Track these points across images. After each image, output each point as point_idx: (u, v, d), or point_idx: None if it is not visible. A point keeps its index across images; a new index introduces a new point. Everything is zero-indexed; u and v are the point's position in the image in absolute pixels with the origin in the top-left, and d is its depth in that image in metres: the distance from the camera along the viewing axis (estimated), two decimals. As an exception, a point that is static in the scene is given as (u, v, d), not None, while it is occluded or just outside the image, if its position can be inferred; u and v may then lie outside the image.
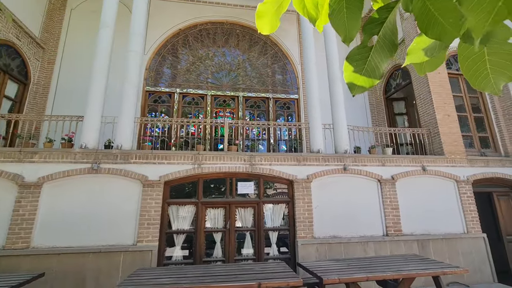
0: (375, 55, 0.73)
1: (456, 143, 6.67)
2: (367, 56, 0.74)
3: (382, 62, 0.74)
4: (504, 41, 0.67)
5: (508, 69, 0.68)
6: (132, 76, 6.04)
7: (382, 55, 0.73)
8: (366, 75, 0.73)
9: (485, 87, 0.73)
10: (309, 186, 5.86)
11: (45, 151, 5.24)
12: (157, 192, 5.35)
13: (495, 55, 0.69)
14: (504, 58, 0.68)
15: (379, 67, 0.74)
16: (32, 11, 7.81)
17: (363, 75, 0.73)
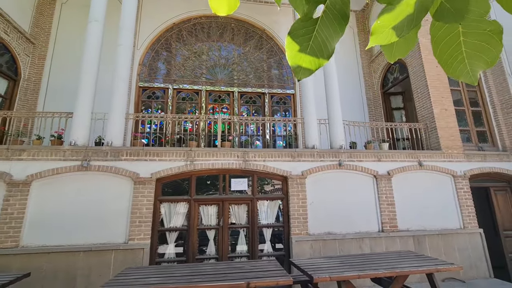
0: (322, 29, 0.62)
1: (453, 138, 6.57)
2: (312, 30, 0.62)
3: (331, 38, 0.63)
4: (482, 18, 0.56)
5: (485, 52, 0.58)
6: (122, 71, 5.91)
7: (330, 29, 0.62)
8: (312, 53, 0.62)
9: (460, 74, 0.63)
10: (303, 182, 5.78)
11: (34, 149, 5.14)
12: (149, 189, 5.26)
13: (471, 36, 0.59)
14: (480, 39, 0.58)
15: (327, 44, 0.63)
16: (21, 5, 7.64)
17: (309, 54, 0.62)
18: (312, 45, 0.61)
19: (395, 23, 0.58)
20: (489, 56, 0.58)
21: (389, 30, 0.59)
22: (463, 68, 0.62)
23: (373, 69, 9.44)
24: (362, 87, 9.44)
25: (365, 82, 9.47)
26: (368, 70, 9.57)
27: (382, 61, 8.96)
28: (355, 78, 9.52)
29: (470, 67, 0.61)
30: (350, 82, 9.35)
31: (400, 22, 0.58)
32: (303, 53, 0.61)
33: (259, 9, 9.50)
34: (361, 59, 9.73)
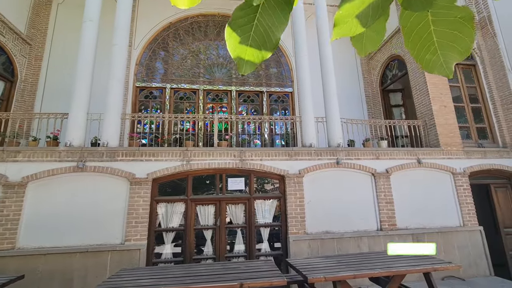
0: (264, 17, 0.57)
1: (452, 135, 6.50)
2: (253, 18, 0.57)
3: (275, 28, 0.58)
4: (451, 4, 0.52)
5: (457, 41, 0.54)
6: (117, 71, 5.88)
7: (273, 17, 0.57)
8: (254, 45, 0.57)
9: (434, 67, 0.59)
10: (301, 181, 5.73)
11: (29, 150, 5.12)
12: (145, 190, 5.23)
13: (442, 24, 0.54)
14: (452, 27, 0.53)
15: (270, 34, 0.58)
16: (17, 6, 7.61)
17: (251, 46, 0.57)
18: (253, 35, 0.56)
19: (359, 12, 0.53)
20: (462, 46, 0.53)
21: (353, 20, 0.55)
22: (436, 60, 0.57)
23: (372, 66, 9.36)
24: (361, 85, 9.37)
25: (364, 79, 9.40)
26: (367, 67, 9.49)
27: (381, 58, 8.88)
28: (354, 75, 9.44)
29: (444, 58, 0.56)
30: (349, 80, 9.28)
31: (364, 11, 0.53)
32: (245, 45, 0.56)
33: (256, 7, 9.42)
34: (359, 56, 9.62)
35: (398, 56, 8.08)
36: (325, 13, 7.06)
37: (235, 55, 0.58)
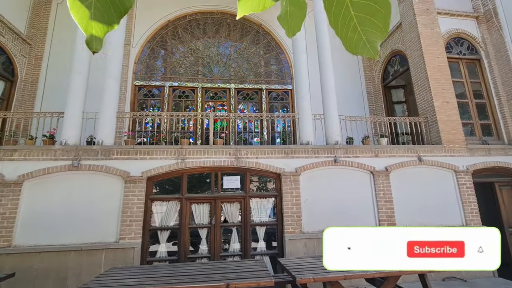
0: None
1: (455, 132, 6.31)
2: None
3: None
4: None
5: (374, 14, 0.46)
6: (113, 69, 5.87)
7: None
8: (98, 14, 0.48)
9: (358, 46, 0.51)
10: (297, 179, 5.64)
11: (25, 149, 5.15)
12: (140, 188, 5.22)
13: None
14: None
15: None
16: (17, 7, 7.67)
17: (95, 18, 0.48)
18: (95, 1, 0.48)
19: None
20: (379, 19, 0.45)
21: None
22: (358, 38, 0.49)
23: (373, 62, 9.17)
24: (362, 81, 9.19)
25: (365, 76, 9.22)
26: (368, 63, 9.30)
27: (382, 53, 8.69)
28: (355, 72, 9.27)
29: (366, 36, 0.48)
30: (350, 77, 9.11)
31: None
32: (88, 12, 0.48)
33: (255, 3, 9.31)
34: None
35: (400, 52, 7.89)
36: (323, 10, 6.91)
37: (83, 29, 0.50)
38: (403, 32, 7.53)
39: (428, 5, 7.06)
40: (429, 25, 6.91)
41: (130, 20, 8.68)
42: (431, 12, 7.03)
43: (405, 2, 7.38)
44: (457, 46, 7.30)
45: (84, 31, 0.48)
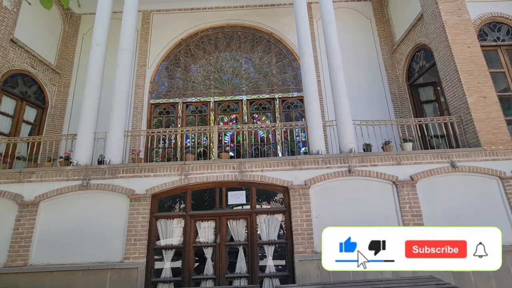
0: None
1: (497, 131, 5.34)
2: None
3: None
4: None
5: None
6: (121, 90, 6.05)
7: None
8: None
9: None
10: (307, 192, 5.16)
11: (42, 170, 5.45)
12: (144, 206, 5.18)
13: None
14: None
15: None
16: (47, 41, 8.47)
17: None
18: None
19: None
20: None
21: None
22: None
23: (396, 60, 8.39)
24: (385, 82, 8.44)
25: (388, 76, 8.45)
26: (390, 62, 8.54)
27: (405, 49, 7.91)
28: (376, 72, 8.56)
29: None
30: (370, 77, 8.44)
31: None
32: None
33: (264, 13, 9.22)
34: (381, 51, 8.75)
35: (424, 46, 7.08)
36: (331, 9, 6.49)
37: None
38: (425, 24, 6.76)
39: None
40: (455, 12, 6.10)
41: (145, 42, 9.12)
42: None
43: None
44: (493, 32, 6.32)
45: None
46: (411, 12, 7.48)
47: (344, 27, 8.69)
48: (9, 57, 7.00)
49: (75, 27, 9.37)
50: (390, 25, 8.77)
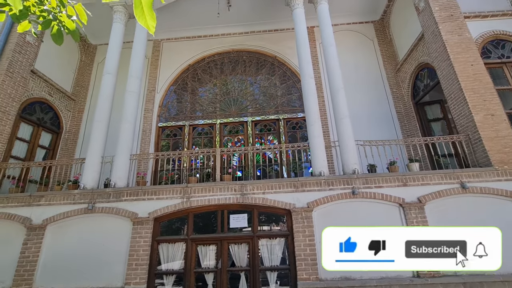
0: None
1: (508, 150, 5.12)
2: None
3: None
4: None
5: None
6: (129, 114, 6.30)
7: None
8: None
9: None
10: (310, 215, 5.03)
11: (50, 194, 5.63)
12: (146, 229, 5.19)
13: None
14: None
15: None
16: (65, 70, 9.05)
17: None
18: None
19: None
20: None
21: None
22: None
23: (400, 78, 8.38)
24: (390, 100, 8.38)
25: (393, 94, 8.40)
26: (394, 81, 8.52)
27: (408, 68, 7.90)
28: (381, 91, 8.54)
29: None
30: (376, 96, 8.42)
31: None
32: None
33: (268, 38, 9.56)
34: (385, 70, 8.78)
35: (427, 64, 7.06)
36: (331, 33, 6.67)
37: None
38: (426, 43, 6.79)
39: (452, 11, 6.32)
40: (455, 31, 6.11)
41: (155, 69, 9.58)
42: (457, 17, 6.25)
43: (424, 12, 6.74)
44: (497, 49, 6.25)
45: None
46: (412, 32, 7.56)
47: (347, 48, 8.87)
48: (28, 87, 7.50)
49: (91, 56, 10.01)
50: (392, 45, 8.86)
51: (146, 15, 1.38)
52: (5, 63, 6.69)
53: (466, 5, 6.53)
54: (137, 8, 1.38)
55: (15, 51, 6.93)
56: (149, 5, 1.37)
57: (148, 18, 1.39)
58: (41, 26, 2.28)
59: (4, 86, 6.53)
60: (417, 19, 7.13)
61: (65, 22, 2.25)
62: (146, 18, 1.38)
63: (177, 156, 6.42)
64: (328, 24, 6.74)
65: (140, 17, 1.39)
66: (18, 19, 2.17)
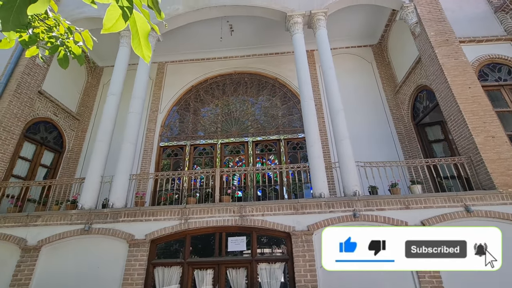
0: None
1: (511, 172, 5.04)
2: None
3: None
4: None
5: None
6: (130, 135, 6.37)
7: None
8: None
9: None
10: (310, 239, 4.90)
11: (47, 214, 5.57)
12: (142, 252, 5.06)
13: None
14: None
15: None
16: (71, 90, 9.31)
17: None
18: None
19: None
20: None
21: None
22: None
23: (400, 100, 8.47)
24: (391, 122, 8.41)
25: (393, 116, 8.45)
26: (394, 103, 8.61)
27: (407, 90, 8.01)
28: (381, 113, 8.60)
29: None
30: (376, 118, 8.47)
31: None
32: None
33: (269, 61, 9.83)
34: (384, 92, 8.90)
35: (426, 86, 7.16)
36: (330, 56, 6.84)
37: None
38: (424, 66, 6.93)
39: (447, 36, 6.50)
40: (451, 55, 6.25)
41: (159, 90, 9.80)
42: (452, 42, 6.42)
43: (420, 37, 6.94)
44: (494, 72, 6.34)
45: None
46: (410, 56, 7.74)
47: (346, 70, 9.07)
48: (34, 107, 7.68)
49: (98, 78, 10.32)
50: (391, 68, 9.04)
51: (142, 46, 1.44)
52: (14, 85, 6.90)
53: (461, 30, 6.73)
54: (134, 39, 1.43)
55: (24, 73, 7.17)
56: (145, 36, 1.42)
57: (144, 49, 1.45)
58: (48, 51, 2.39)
59: (11, 107, 6.69)
60: (413, 43, 7.33)
61: (72, 47, 2.35)
62: (142, 48, 1.44)
63: (176, 176, 6.39)
64: (327, 48, 6.95)
65: (137, 47, 1.44)
66: (27, 45, 2.28)
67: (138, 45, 1.44)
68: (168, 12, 7.76)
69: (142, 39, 1.42)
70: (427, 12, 6.93)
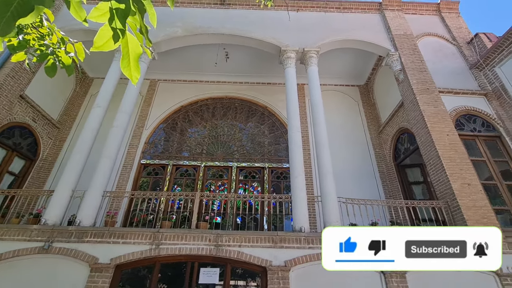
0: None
1: (486, 220, 5.16)
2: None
3: None
4: None
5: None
6: (110, 150, 6.13)
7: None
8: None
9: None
10: (286, 276, 4.68)
11: (4, 227, 5.08)
12: (104, 278, 4.63)
13: None
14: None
15: None
16: (56, 98, 9.01)
17: None
18: None
19: None
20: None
21: None
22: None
23: (383, 140, 8.76)
24: (373, 160, 8.62)
25: (376, 154, 8.69)
26: (377, 142, 8.90)
27: (390, 131, 8.34)
28: (365, 150, 8.83)
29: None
30: (360, 155, 8.66)
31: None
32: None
33: (260, 89, 10.08)
34: (369, 130, 9.22)
35: (407, 130, 7.48)
36: (319, 94, 7.08)
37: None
38: (406, 111, 7.29)
39: (428, 85, 6.96)
40: (432, 103, 6.65)
41: (147, 106, 9.70)
42: (432, 91, 6.86)
43: (404, 83, 7.39)
44: (469, 123, 6.75)
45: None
46: (393, 99, 8.17)
47: (334, 107, 9.41)
48: (13, 111, 7.34)
49: (86, 88, 10.13)
50: (376, 108, 9.46)
51: (131, 67, 1.40)
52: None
53: (440, 81, 7.23)
54: (124, 60, 1.40)
55: (8, 76, 6.94)
56: (135, 58, 1.40)
57: (133, 70, 1.41)
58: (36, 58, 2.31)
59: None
60: (397, 88, 7.77)
61: (62, 57, 2.29)
62: (131, 69, 1.40)
63: (154, 196, 6.10)
64: (317, 85, 7.22)
65: (125, 68, 1.40)
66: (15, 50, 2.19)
67: (127, 66, 1.41)
68: (168, 33, 7.94)
69: (132, 61, 1.40)
70: (410, 62, 7.46)
